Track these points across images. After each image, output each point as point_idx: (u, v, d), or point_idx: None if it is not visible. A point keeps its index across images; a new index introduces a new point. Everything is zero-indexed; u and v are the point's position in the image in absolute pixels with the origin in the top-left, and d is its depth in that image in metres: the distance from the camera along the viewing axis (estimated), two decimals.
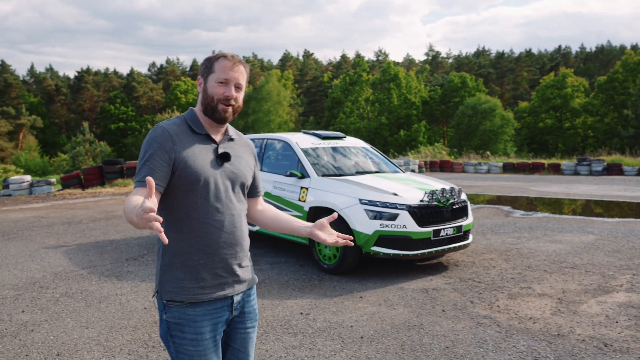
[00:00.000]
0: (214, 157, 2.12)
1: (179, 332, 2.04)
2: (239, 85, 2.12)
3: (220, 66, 2.09)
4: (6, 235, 8.95)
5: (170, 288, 2.04)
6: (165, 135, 2.03)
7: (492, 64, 77.80)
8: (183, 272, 2.04)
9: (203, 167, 2.05)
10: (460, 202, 6.42)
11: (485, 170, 27.52)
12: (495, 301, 5.15)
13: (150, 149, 2.00)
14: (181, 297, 2.03)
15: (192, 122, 2.13)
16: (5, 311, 4.98)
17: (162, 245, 2.07)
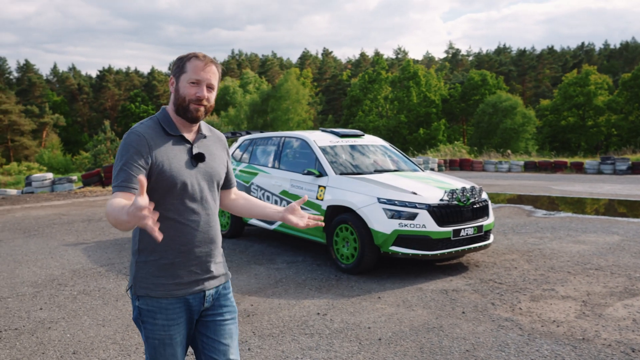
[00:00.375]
0: (189, 157, 2.16)
1: (150, 318, 2.12)
2: (211, 85, 2.15)
3: (192, 66, 2.11)
4: (27, 232, 9.04)
5: (146, 284, 2.11)
6: (141, 140, 2.05)
7: (513, 62, 76.90)
8: (158, 270, 2.11)
9: (179, 170, 2.10)
10: (481, 201, 6.29)
11: (506, 169, 27.15)
12: (517, 303, 5.02)
13: (127, 154, 2.02)
14: (156, 294, 2.11)
15: (165, 124, 2.16)
16: (24, 308, 5.00)
17: (138, 243, 2.13)
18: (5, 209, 12.39)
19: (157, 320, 2.11)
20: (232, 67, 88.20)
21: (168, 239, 2.10)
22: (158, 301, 2.11)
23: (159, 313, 2.11)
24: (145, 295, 2.11)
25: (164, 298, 2.11)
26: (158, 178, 2.06)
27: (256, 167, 7.83)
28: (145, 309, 2.12)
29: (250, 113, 55.26)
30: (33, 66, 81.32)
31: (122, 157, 2.03)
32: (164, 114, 2.19)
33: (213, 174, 2.23)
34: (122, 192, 1.97)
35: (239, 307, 4.98)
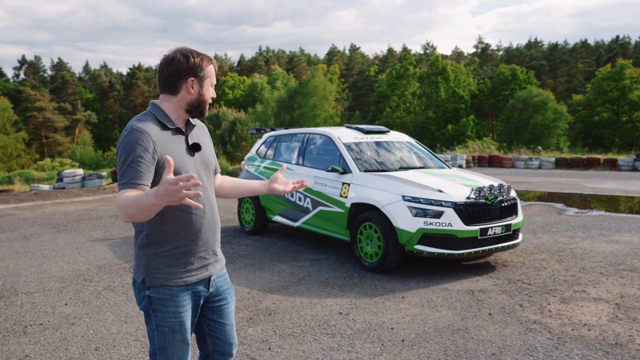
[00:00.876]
0: (186, 148, 2.25)
1: (161, 306, 2.20)
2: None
3: (212, 71, 2.27)
4: (56, 227, 9.18)
5: (159, 275, 2.19)
6: (146, 137, 2.09)
7: (544, 56, 75.35)
8: (170, 259, 2.20)
9: (182, 162, 2.18)
10: (509, 199, 6.12)
11: (536, 166, 26.61)
12: (546, 305, 4.86)
13: (134, 152, 2.05)
14: (171, 283, 2.20)
15: (162, 119, 2.21)
16: (50, 303, 5.05)
17: (147, 237, 2.20)
18: (36, 204, 12.64)
19: (168, 308, 2.20)
20: (259, 64, 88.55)
21: (178, 229, 2.20)
22: (169, 289, 2.20)
23: (170, 301, 2.20)
24: (162, 285, 2.19)
25: (175, 286, 2.21)
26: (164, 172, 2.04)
27: (280, 163, 7.78)
28: (157, 297, 2.20)
29: (277, 109, 55.37)
30: (66, 64, 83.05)
31: (128, 155, 2.05)
32: (158, 109, 2.23)
33: (208, 162, 2.35)
34: (131, 189, 2.00)
35: (260, 305, 4.95)
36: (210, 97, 2.28)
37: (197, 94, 2.23)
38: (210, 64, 2.25)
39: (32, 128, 64.09)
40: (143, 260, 2.22)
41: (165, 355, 2.25)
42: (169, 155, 2.02)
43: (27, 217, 10.36)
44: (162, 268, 2.20)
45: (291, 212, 7.41)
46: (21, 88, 69.29)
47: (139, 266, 2.24)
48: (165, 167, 1.92)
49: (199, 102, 2.24)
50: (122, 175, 2.05)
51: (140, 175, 2.03)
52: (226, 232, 8.50)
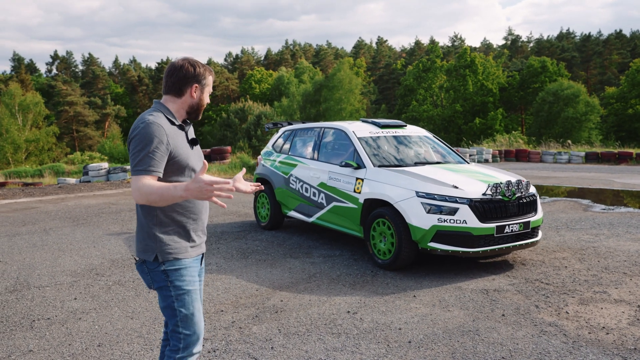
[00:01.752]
0: (187, 141, 2.58)
1: (178, 276, 2.50)
2: None
3: (211, 80, 2.63)
4: (76, 221, 9.28)
5: (171, 250, 2.49)
6: (162, 130, 2.41)
7: (576, 48, 73.52)
8: (179, 236, 2.53)
9: (186, 153, 2.53)
10: (528, 195, 5.91)
11: (565, 160, 25.98)
12: (563, 306, 4.67)
13: (152, 143, 2.37)
14: (181, 256, 2.51)
15: (169, 115, 2.53)
16: (59, 297, 5.07)
17: (155, 218, 2.49)
18: (59, 197, 12.83)
19: (185, 277, 2.52)
20: (286, 58, 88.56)
21: (184, 210, 2.53)
22: (182, 262, 2.52)
23: (184, 270, 2.52)
24: (172, 259, 2.49)
25: (185, 258, 2.53)
26: (174, 161, 2.47)
27: (295, 158, 7.70)
28: (172, 269, 2.49)
29: (303, 103, 55.31)
30: (97, 59, 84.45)
31: (146, 145, 2.36)
32: (165, 107, 2.55)
33: (201, 154, 2.69)
34: (148, 175, 2.33)
35: (268, 302, 4.88)
36: (206, 102, 2.64)
37: (197, 98, 2.58)
38: (210, 75, 2.61)
39: (63, 122, 65.40)
40: (153, 239, 2.48)
41: (188, 324, 2.54)
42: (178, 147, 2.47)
43: (49, 211, 10.51)
44: (172, 244, 2.50)
45: (306, 207, 7.32)
46: (53, 83, 70.74)
47: (148, 246, 2.49)
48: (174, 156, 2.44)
49: (198, 106, 2.60)
50: (139, 162, 2.34)
51: (156, 164, 2.36)
52: (242, 227, 8.47)
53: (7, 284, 5.55)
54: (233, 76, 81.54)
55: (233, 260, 6.43)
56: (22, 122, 53.82)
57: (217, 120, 59.81)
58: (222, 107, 70.88)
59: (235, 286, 5.37)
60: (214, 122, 67.28)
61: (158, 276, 2.50)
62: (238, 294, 5.13)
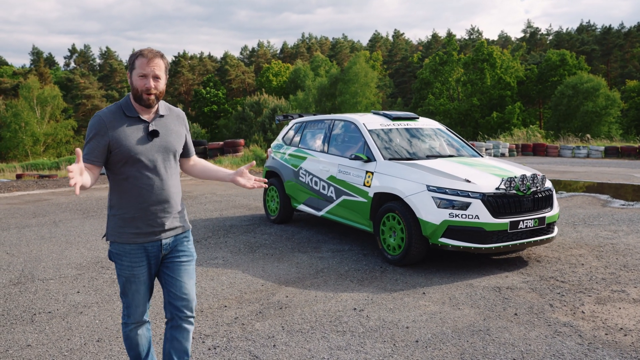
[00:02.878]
0: (145, 134, 2.65)
1: (118, 259, 2.73)
2: (157, 76, 2.62)
3: (139, 63, 2.59)
4: (86, 213, 9.25)
5: (114, 232, 2.71)
6: (100, 122, 2.59)
7: (596, 40, 72.21)
8: (123, 222, 2.68)
9: (133, 144, 2.60)
10: (543, 190, 5.71)
11: (584, 155, 25.53)
12: (579, 306, 4.49)
13: (90, 134, 2.59)
14: (121, 240, 2.70)
15: (125, 108, 2.66)
16: (62, 291, 5.00)
17: (110, 201, 2.74)
18: (71, 189, 12.85)
19: (123, 262, 2.71)
20: (301, 51, 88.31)
21: (129, 198, 2.66)
22: (123, 246, 2.69)
23: (124, 256, 2.70)
24: (115, 241, 2.71)
25: (127, 244, 2.69)
26: (117, 151, 2.58)
27: (305, 150, 7.56)
28: (115, 252, 2.72)
29: (318, 97, 55.10)
30: (114, 53, 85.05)
31: (87, 135, 2.61)
32: (126, 100, 2.68)
33: (168, 146, 2.73)
34: (85, 162, 2.52)
35: (273, 298, 4.76)
36: (144, 86, 2.58)
37: (130, 84, 2.64)
38: (138, 58, 2.60)
39: (81, 115, 65.95)
40: (107, 219, 2.76)
41: (126, 299, 2.80)
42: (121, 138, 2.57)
43: (60, 203, 10.51)
44: (116, 228, 2.69)
45: (315, 200, 7.19)
46: (71, 76, 71.35)
47: (106, 224, 2.78)
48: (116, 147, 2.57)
49: (133, 91, 2.63)
50: (83, 152, 2.50)
51: (92, 153, 2.55)
52: (251, 221, 8.36)
53: (11, 276, 5.51)
54: (249, 69, 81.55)
55: (240, 254, 6.32)
56: (41, 115, 54.39)
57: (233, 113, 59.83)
58: (238, 101, 70.90)
59: (240, 281, 5.26)
60: (229, 116, 67.38)
61: (108, 252, 2.80)
62: (243, 289, 5.02)
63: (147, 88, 2.58)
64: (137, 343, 2.89)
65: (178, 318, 2.84)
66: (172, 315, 2.85)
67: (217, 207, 9.67)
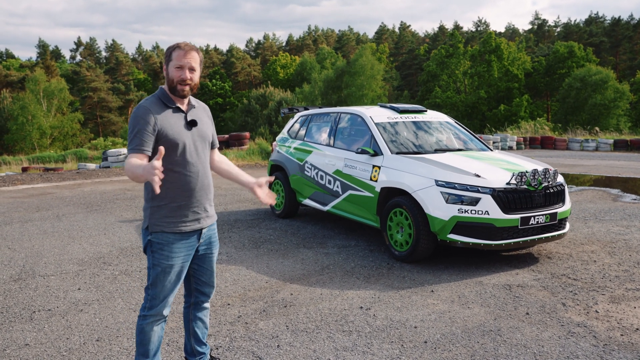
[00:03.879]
0: (185, 123, 2.78)
1: (158, 249, 2.76)
2: (193, 68, 2.73)
3: (176, 55, 2.71)
4: (89, 207, 9.17)
5: (160, 223, 2.75)
6: (148, 112, 2.67)
7: (605, 32, 71.46)
8: (169, 211, 2.75)
9: (178, 133, 2.73)
10: (555, 185, 5.56)
11: (592, 148, 25.26)
12: (593, 305, 4.35)
13: (138, 125, 2.64)
14: (169, 229, 2.75)
15: (164, 99, 2.77)
16: (63, 287, 4.91)
17: (151, 192, 2.75)
18: (76, 183, 12.78)
19: (163, 252, 2.75)
20: (307, 43, 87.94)
21: (175, 187, 2.75)
22: (167, 236, 2.75)
23: (166, 246, 2.75)
24: (161, 231, 2.74)
25: (171, 233, 2.75)
26: (164, 140, 2.67)
27: (311, 144, 7.43)
28: (156, 242, 2.76)
29: (324, 89, 54.84)
30: (120, 45, 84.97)
31: (134, 127, 2.64)
32: (162, 92, 2.79)
33: (204, 135, 2.89)
34: (136, 153, 2.60)
35: (277, 295, 4.65)
36: (180, 77, 2.70)
37: (166, 75, 2.75)
38: (175, 50, 2.71)
39: (87, 108, 66.02)
40: (148, 212, 2.78)
41: (155, 290, 2.81)
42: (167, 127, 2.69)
43: (64, 196, 10.43)
44: (162, 218, 2.74)
45: (321, 195, 7.06)
46: (77, 69, 71.35)
47: (145, 216, 2.80)
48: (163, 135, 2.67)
49: (169, 82, 2.74)
50: (130, 143, 2.62)
51: (143, 143, 2.62)
52: (256, 215, 8.25)
53: (12, 272, 5.42)
54: (255, 62, 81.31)
55: (244, 249, 6.21)
56: (47, 108, 54.45)
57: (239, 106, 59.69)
58: (244, 93, 70.74)
59: (244, 278, 5.15)
60: (235, 109, 67.24)
61: (145, 242, 2.81)
62: (247, 286, 4.91)
63: (183, 79, 2.69)
64: (149, 339, 2.88)
65: (202, 302, 3.10)
66: (197, 300, 3.08)
67: (222, 201, 9.56)
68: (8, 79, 65.05)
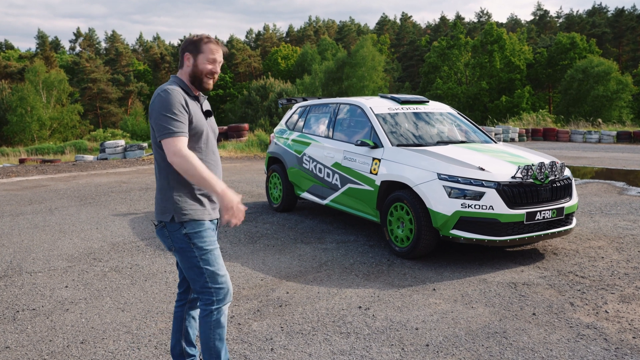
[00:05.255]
0: (202, 113, 2.72)
1: (199, 238, 2.62)
2: (221, 62, 2.74)
3: (209, 48, 2.66)
4: (83, 200, 8.97)
5: (187, 212, 2.61)
6: (181, 96, 2.58)
7: (608, 23, 70.91)
8: (193, 200, 2.64)
9: (201, 121, 2.68)
10: (562, 179, 5.36)
11: (595, 140, 25.00)
12: (602, 305, 4.15)
13: (176, 108, 2.53)
14: (197, 216, 2.63)
15: (184, 88, 2.67)
16: (50, 285, 4.72)
17: (169, 180, 2.62)
18: (72, 175, 12.57)
19: (205, 238, 2.63)
20: (308, 34, 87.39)
21: None
22: (201, 223, 2.63)
23: (204, 231, 2.64)
24: (189, 221, 2.60)
25: (202, 220, 2.64)
26: (192, 127, 2.60)
27: (309, 136, 7.21)
28: (193, 231, 2.61)
29: (325, 80, 54.49)
30: (120, 36, 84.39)
31: (170, 109, 2.51)
32: (181, 81, 2.69)
33: (215, 127, 2.85)
34: (180, 137, 2.49)
35: (272, 294, 4.45)
36: (211, 70, 2.66)
37: (192, 65, 2.66)
38: (208, 44, 2.65)
39: (87, 99, 65.68)
40: (170, 201, 2.61)
41: (216, 279, 2.65)
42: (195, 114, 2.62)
43: (58, 189, 10.23)
44: (189, 206, 2.61)
45: (319, 188, 6.86)
46: (77, 60, 70.93)
47: (166, 208, 2.61)
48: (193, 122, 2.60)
49: (196, 74, 2.65)
50: (170, 125, 2.48)
51: (182, 126, 2.52)
52: (253, 209, 8.05)
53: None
54: (255, 53, 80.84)
55: (240, 245, 6.02)
56: (46, 99, 54.12)
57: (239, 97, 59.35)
58: (244, 85, 70.36)
59: (239, 275, 4.96)
60: (235, 100, 66.90)
61: (180, 239, 2.61)
62: (241, 284, 4.72)
63: (214, 72, 2.68)
64: (225, 329, 2.76)
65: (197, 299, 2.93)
66: (194, 297, 2.92)
67: None
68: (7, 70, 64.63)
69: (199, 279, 2.64)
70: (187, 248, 2.62)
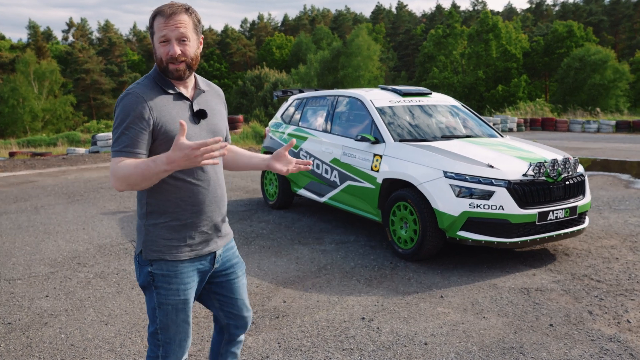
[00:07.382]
0: (190, 114, 2.06)
1: (165, 283, 2.07)
2: (184, 37, 1.99)
3: (157, 24, 1.99)
4: (71, 197, 8.62)
5: (157, 247, 2.05)
6: (140, 102, 1.95)
7: (605, 11, 70.51)
8: (169, 232, 2.05)
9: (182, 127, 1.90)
10: (575, 176, 5.05)
11: (594, 130, 24.73)
12: (623, 313, 3.86)
13: (128, 117, 1.93)
14: (169, 257, 2.05)
15: (161, 82, 2.03)
16: (29, 295, 4.39)
17: (146, 206, 2.06)
18: (61, 170, 12.19)
19: (171, 285, 2.07)
20: (304, 23, 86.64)
21: (179, 200, 2.05)
22: (173, 265, 2.06)
23: (174, 277, 2.07)
24: (159, 259, 2.06)
25: (177, 261, 2.07)
26: (163, 139, 1.97)
27: (306, 130, 6.87)
28: (159, 273, 2.06)
29: (320, 70, 54.00)
30: (113, 26, 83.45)
31: (122, 121, 1.93)
32: (157, 73, 2.06)
33: (216, 130, 2.15)
34: (126, 157, 1.90)
35: (268, 303, 4.14)
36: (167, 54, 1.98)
37: (154, 53, 2.04)
38: (156, 17, 2.00)
39: (80, 90, 64.96)
40: (142, 231, 2.08)
41: (168, 334, 2.12)
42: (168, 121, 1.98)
43: (46, 185, 9.86)
44: (160, 240, 2.05)
45: (317, 185, 6.54)
46: (70, 50, 70.09)
47: (139, 237, 2.12)
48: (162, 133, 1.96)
49: (157, 62, 2.03)
50: (115, 142, 1.93)
51: (136, 144, 1.92)
52: (248, 206, 7.73)
53: None
54: (251, 43, 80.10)
55: None
56: (39, 91, 53.42)
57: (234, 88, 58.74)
58: (239, 75, 69.74)
59: None
60: (230, 90, 66.32)
61: (144, 275, 2.09)
62: None
63: (171, 55, 1.98)
64: None
65: (237, 335, 2.43)
66: (231, 336, 2.41)
67: None
68: None
69: (152, 324, 2.13)
70: (149, 288, 2.10)
